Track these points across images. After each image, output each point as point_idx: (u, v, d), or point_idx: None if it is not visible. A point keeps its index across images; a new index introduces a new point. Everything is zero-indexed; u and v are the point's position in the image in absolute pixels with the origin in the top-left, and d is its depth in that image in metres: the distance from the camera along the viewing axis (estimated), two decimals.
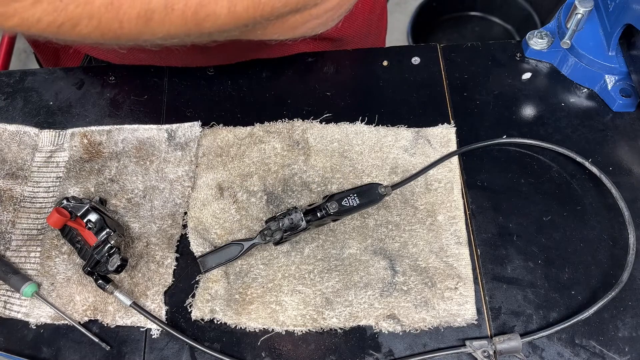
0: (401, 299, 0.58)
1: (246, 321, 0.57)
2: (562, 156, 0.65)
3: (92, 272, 0.57)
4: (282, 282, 0.59)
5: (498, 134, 0.66)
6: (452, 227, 0.61)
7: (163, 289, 0.59)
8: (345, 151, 0.66)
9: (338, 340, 0.57)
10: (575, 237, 0.61)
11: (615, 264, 0.59)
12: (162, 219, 0.63)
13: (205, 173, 0.65)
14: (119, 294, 0.57)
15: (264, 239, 0.59)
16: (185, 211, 0.63)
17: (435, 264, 0.59)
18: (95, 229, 0.58)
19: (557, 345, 0.55)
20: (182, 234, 0.63)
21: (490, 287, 0.59)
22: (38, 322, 0.58)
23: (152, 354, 0.57)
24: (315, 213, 0.59)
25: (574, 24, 0.65)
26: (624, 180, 0.63)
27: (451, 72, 0.72)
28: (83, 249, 0.59)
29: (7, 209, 0.64)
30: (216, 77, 0.74)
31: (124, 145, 0.67)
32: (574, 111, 0.69)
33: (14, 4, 0.37)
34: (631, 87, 0.67)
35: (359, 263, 0.60)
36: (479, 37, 1.92)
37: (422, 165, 0.65)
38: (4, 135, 0.69)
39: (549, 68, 0.72)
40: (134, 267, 0.60)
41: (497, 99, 0.70)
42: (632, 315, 0.56)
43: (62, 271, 0.60)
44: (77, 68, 0.75)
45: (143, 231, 0.62)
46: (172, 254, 0.61)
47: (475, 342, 0.55)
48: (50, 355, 0.57)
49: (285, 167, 0.65)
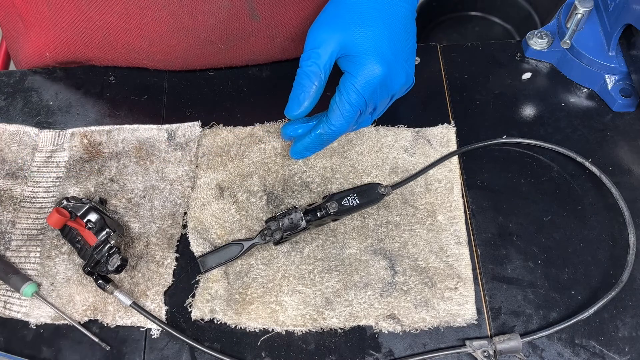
0: (401, 299, 0.58)
1: (246, 321, 0.57)
2: (562, 156, 0.65)
3: (92, 272, 0.57)
4: (282, 282, 0.59)
5: (498, 134, 0.66)
6: (452, 227, 0.61)
7: (163, 289, 0.59)
8: (345, 151, 0.66)
9: (338, 340, 0.57)
10: (575, 237, 0.61)
11: (615, 264, 0.59)
12: (162, 219, 0.63)
13: (205, 173, 0.65)
14: (119, 294, 0.57)
15: (263, 238, 0.59)
16: (185, 211, 0.63)
17: (435, 264, 0.59)
18: (95, 229, 0.58)
19: (557, 345, 0.55)
20: (182, 234, 0.63)
21: (490, 287, 0.59)
22: (38, 322, 0.58)
23: (152, 354, 0.57)
24: (315, 213, 0.59)
25: (574, 24, 0.65)
26: (624, 180, 0.63)
27: (451, 72, 0.72)
28: (83, 249, 0.59)
29: (7, 209, 0.64)
30: (216, 77, 0.74)
31: (124, 145, 0.67)
32: (574, 111, 0.69)
33: None
34: (631, 87, 0.67)
35: (359, 263, 0.60)
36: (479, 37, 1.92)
37: (422, 165, 0.65)
38: (3, 135, 0.68)
39: (549, 68, 0.72)
40: (134, 267, 0.60)
41: (497, 99, 0.70)
42: (632, 315, 0.56)
43: (62, 271, 0.60)
44: (77, 68, 0.75)
45: (143, 231, 0.62)
46: (172, 254, 0.61)
47: (475, 342, 0.55)
48: (50, 355, 0.57)
49: (285, 167, 0.65)
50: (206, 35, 0.68)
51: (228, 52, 0.72)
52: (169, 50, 0.70)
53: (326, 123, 0.57)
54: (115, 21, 0.67)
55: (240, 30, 0.69)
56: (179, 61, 0.72)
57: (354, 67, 0.55)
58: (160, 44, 0.69)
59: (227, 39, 0.69)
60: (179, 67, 0.74)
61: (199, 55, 0.72)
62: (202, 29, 0.67)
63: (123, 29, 0.68)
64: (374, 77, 0.55)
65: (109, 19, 0.67)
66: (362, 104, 0.56)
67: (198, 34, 0.68)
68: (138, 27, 0.67)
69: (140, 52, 0.71)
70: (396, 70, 0.57)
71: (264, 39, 0.71)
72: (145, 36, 0.68)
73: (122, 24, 0.67)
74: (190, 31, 0.67)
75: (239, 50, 0.72)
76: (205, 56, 0.72)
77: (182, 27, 0.67)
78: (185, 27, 0.67)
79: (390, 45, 0.55)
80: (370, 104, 0.57)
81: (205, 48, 0.70)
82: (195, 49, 0.70)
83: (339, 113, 0.56)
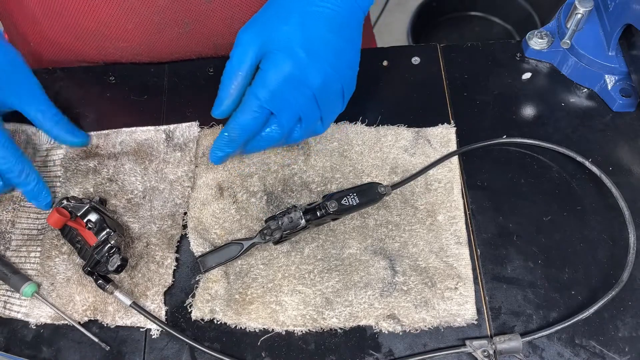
0: (401, 299, 0.58)
1: (246, 321, 0.57)
2: (562, 156, 0.65)
3: (92, 272, 0.57)
4: (282, 282, 0.59)
5: (498, 134, 0.66)
6: (452, 227, 0.61)
7: (163, 289, 0.59)
8: (345, 151, 0.66)
9: (338, 340, 0.57)
10: (575, 237, 0.61)
11: (615, 264, 0.59)
12: (162, 219, 0.63)
13: (205, 173, 0.65)
14: (119, 294, 0.57)
15: (263, 238, 0.59)
16: (185, 211, 0.63)
17: (435, 264, 0.59)
18: (95, 229, 0.58)
19: (557, 345, 0.55)
20: (182, 234, 0.63)
21: (490, 287, 0.59)
22: (38, 322, 0.58)
23: (152, 354, 0.57)
24: (314, 212, 0.59)
25: (574, 24, 0.65)
26: (624, 181, 0.63)
27: (451, 72, 0.72)
28: (83, 249, 0.59)
29: (7, 208, 0.64)
30: (216, 77, 0.73)
31: (122, 147, 0.67)
32: (574, 111, 0.69)
33: None
34: (631, 87, 0.67)
35: (359, 263, 0.60)
36: (479, 37, 1.92)
37: (422, 165, 0.65)
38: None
39: (549, 68, 0.72)
40: (134, 267, 0.60)
41: (497, 99, 0.70)
42: (632, 315, 0.56)
43: (62, 271, 0.60)
44: (77, 68, 0.75)
45: (143, 231, 0.62)
46: (172, 254, 0.61)
47: (475, 341, 0.55)
48: (50, 355, 0.57)
49: (285, 167, 0.65)
50: (160, 19, 0.71)
51: (188, 37, 0.73)
52: (127, 36, 0.72)
53: (232, 118, 0.57)
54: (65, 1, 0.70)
55: (194, 13, 0.71)
56: (144, 49, 0.74)
57: (264, 63, 0.56)
58: (116, 28, 0.72)
59: (183, 22, 0.71)
60: (148, 58, 0.75)
61: (161, 42, 0.73)
62: (153, 10, 0.70)
63: (75, 9, 0.71)
64: (280, 72, 0.55)
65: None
66: (267, 99, 0.55)
67: (151, 16, 0.70)
68: (89, 8, 0.70)
69: (102, 38, 0.73)
70: (311, 70, 0.55)
71: (222, 21, 0.73)
72: (99, 19, 0.71)
73: (72, 2, 0.70)
74: (142, 13, 0.70)
75: (198, 34, 0.73)
76: (167, 43, 0.74)
77: (132, 7, 0.69)
78: (135, 8, 0.69)
79: (304, 44, 0.55)
80: (282, 103, 0.56)
81: (164, 33, 0.72)
82: (153, 34, 0.72)
83: (244, 106, 0.56)
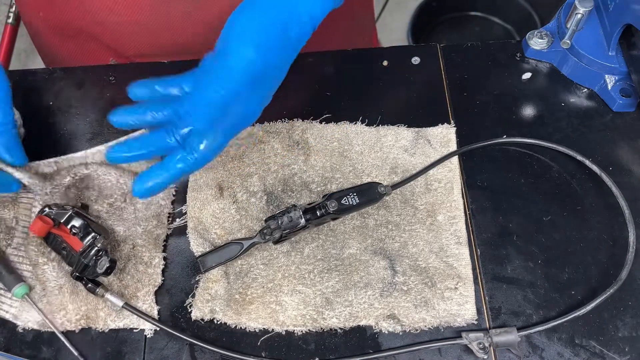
0: (401, 299, 0.58)
1: (246, 321, 0.57)
2: (562, 155, 0.65)
3: (81, 277, 0.57)
4: (282, 282, 0.59)
5: (498, 134, 0.66)
6: (452, 227, 0.61)
7: (153, 289, 0.59)
8: (345, 151, 0.66)
9: (338, 340, 0.57)
10: (575, 237, 0.61)
11: (615, 264, 0.59)
12: (146, 221, 0.63)
13: (205, 173, 0.65)
14: (110, 297, 0.57)
15: (263, 237, 0.59)
16: (169, 211, 0.64)
17: (435, 264, 0.59)
18: (80, 234, 0.57)
19: (557, 345, 0.55)
20: (167, 233, 0.63)
21: (490, 287, 0.59)
22: (25, 327, 0.58)
23: (152, 354, 0.57)
24: (314, 211, 0.59)
25: (574, 24, 0.65)
26: (624, 181, 0.63)
27: (451, 72, 0.72)
28: (69, 255, 0.58)
29: (7, 207, 0.64)
30: None
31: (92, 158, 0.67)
32: (574, 111, 0.69)
33: None
34: (631, 87, 0.67)
35: (359, 263, 0.60)
36: (479, 37, 1.92)
37: (422, 165, 0.65)
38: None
39: (549, 68, 0.72)
40: (122, 270, 0.60)
41: (497, 99, 0.70)
42: (632, 315, 0.56)
43: (53, 279, 0.59)
44: (77, 68, 0.75)
45: (128, 234, 0.62)
46: (160, 253, 0.61)
47: (471, 334, 0.55)
48: (50, 355, 0.57)
49: (285, 167, 0.65)
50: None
51: (197, 13, 0.72)
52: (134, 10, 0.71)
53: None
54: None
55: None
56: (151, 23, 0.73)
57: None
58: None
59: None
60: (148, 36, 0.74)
61: (171, 18, 0.72)
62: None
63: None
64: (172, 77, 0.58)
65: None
66: (153, 89, 0.58)
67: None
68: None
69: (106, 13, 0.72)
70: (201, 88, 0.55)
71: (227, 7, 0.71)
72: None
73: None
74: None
75: (209, 7, 0.72)
76: (177, 20, 0.72)
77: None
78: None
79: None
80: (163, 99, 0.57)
81: (171, 6, 0.71)
82: (162, 6, 0.71)
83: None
